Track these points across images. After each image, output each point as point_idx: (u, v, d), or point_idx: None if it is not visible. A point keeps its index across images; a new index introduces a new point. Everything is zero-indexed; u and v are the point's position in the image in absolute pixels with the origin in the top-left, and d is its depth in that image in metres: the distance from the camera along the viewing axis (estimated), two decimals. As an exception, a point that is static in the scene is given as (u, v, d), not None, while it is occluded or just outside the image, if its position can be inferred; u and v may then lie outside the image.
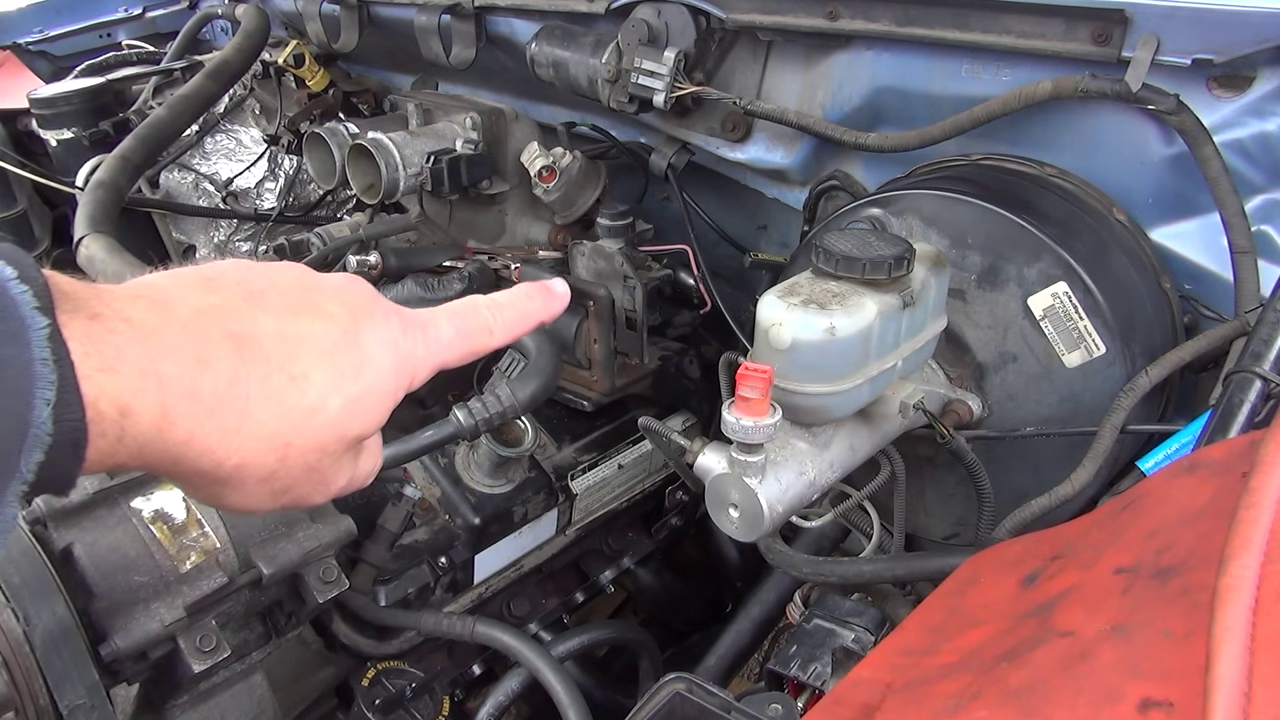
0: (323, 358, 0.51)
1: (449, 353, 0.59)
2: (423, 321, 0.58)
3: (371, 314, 0.55)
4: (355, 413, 0.53)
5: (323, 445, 0.52)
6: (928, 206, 1.10)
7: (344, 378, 0.52)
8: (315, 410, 0.51)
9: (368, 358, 0.53)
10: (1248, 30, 0.94)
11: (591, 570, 1.59)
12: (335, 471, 0.55)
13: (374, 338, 0.54)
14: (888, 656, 0.66)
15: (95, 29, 2.59)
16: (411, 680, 1.27)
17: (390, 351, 0.55)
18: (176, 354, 0.46)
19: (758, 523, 0.89)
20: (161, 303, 0.47)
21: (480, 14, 1.68)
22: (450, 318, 0.59)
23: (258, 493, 0.51)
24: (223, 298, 0.49)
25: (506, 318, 0.62)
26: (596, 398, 1.47)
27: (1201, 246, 1.09)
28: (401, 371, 0.55)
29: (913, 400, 1.01)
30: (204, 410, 0.47)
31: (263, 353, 0.49)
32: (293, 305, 0.52)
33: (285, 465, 0.51)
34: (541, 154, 1.49)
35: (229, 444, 0.48)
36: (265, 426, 0.49)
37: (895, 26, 1.18)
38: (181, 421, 0.46)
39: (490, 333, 0.61)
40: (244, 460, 0.49)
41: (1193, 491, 0.63)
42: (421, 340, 0.57)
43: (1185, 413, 1.11)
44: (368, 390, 0.53)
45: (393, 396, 0.55)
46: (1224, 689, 0.41)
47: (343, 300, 0.54)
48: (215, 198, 2.14)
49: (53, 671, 0.88)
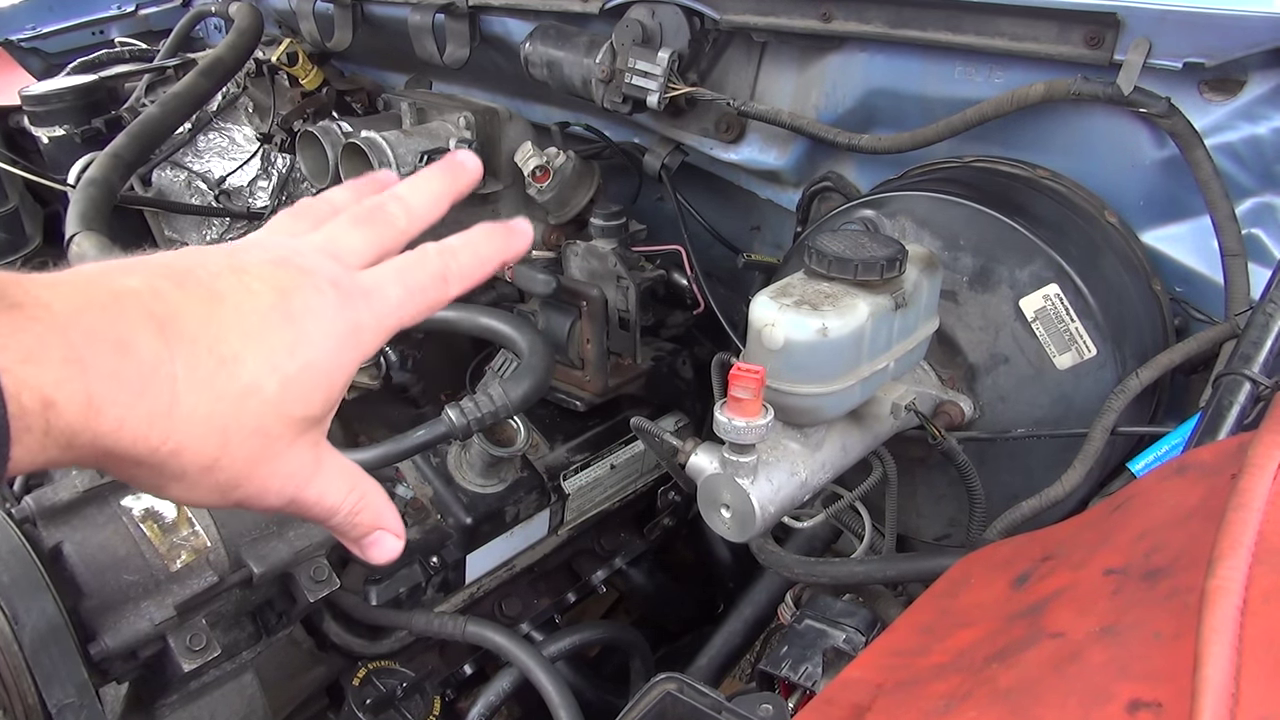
0: (252, 337, 0.48)
1: (401, 312, 0.55)
2: (364, 287, 0.54)
3: (301, 287, 0.51)
4: (297, 392, 0.50)
5: (264, 429, 0.49)
6: (920, 208, 1.10)
7: (277, 356, 0.49)
8: (250, 391, 0.48)
9: (302, 334, 0.50)
10: (1239, 34, 0.94)
11: (583, 570, 1.59)
12: (286, 464, 0.51)
13: (307, 312, 0.51)
14: (878, 657, 0.66)
15: (88, 26, 2.58)
16: (402, 680, 1.27)
17: (327, 325, 0.51)
18: (97, 338, 0.43)
19: (749, 523, 0.89)
20: (81, 287, 0.45)
21: (474, 13, 1.68)
22: (397, 275, 0.55)
23: (204, 484, 0.49)
24: (142, 280, 0.47)
25: (463, 262, 0.58)
26: (589, 398, 1.47)
27: (1192, 249, 1.09)
28: (346, 345, 0.52)
29: (904, 401, 1.01)
30: (131, 394, 0.44)
31: (187, 334, 0.46)
32: (218, 286, 0.49)
33: (227, 453, 0.48)
34: (535, 154, 1.48)
35: (161, 428, 0.45)
36: (198, 410, 0.46)
37: (889, 28, 1.19)
38: (108, 408, 0.43)
39: (445, 280, 0.57)
40: (180, 445, 0.46)
41: (1182, 493, 0.63)
42: (366, 306, 0.53)
43: (1175, 415, 1.11)
44: (307, 367, 0.50)
45: (341, 372, 0.52)
46: (1211, 690, 0.41)
47: (270, 277, 0.51)
48: (208, 196, 2.13)
49: (41, 670, 0.87)
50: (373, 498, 0.57)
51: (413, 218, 0.60)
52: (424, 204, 0.60)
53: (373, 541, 0.58)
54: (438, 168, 0.63)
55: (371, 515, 0.57)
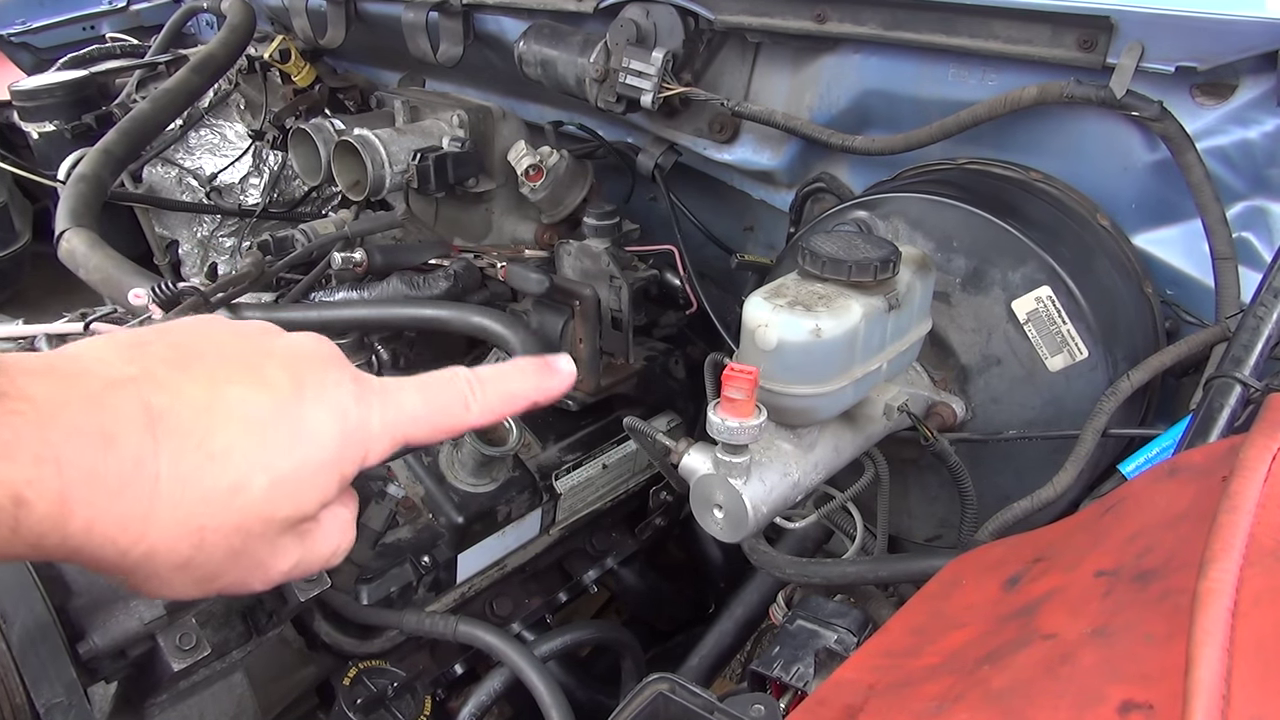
0: (251, 430, 0.46)
1: (414, 428, 0.52)
2: (385, 388, 0.52)
3: (321, 380, 0.49)
4: (286, 492, 0.47)
5: (245, 528, 0.47)
6: (914, 209, 1.10)
7: (272, 452, 0.46)
8: (236, 490, 0.46)
9: (306, 429, 0.48)
10: (1231, 38, 0.94)
11: (575, 570, 1.59)
12: (271, 556, 0.49)
13: (318, 406, 0.48)
14: (870, 658, 0.66)
15: (79, 21, 2.57)
16: (393, 680, 1.26)
17: (336, 421, 0.49)
18: (79, 434, 0.41)
19: (742, 523, 0.90)
20: (72, 376, 0.43)
21: (468, 11, 1.67)
22: (420, 388, 0.53)
23: (178, 581, 0.46)
24: (144, 366, 0.45)
25: (488, 395, 0.55)
26: (582, 397, 1.47)
27: (1183, 252, 1.10)
28: (349, 444, 0.50)
29: (897, 402, 1.02)
30: (107, 494, 0.42)
31: (180, 427, 0.44)
32: (229, 370, 0.47)
33: (203, 552, 0.46)
34: (528, 153, 1.48)
35: (133, 531, 0.43)
36: (177, 510, 0.44)
37: (883, 30, 1.19)
38: (80, 509, 0.42)
39: (467, 408, 0.54)
40: (152, 547, 0.44)
41: (1173, 495, 0.63)
42: (379, 409, 0.51)
43: (1166, 417, 1.11)
44: (301, 465, 0.48)
45: (335, 472, 0.50)
46: (1203, 692, 0.41)
47: (289, 364, 0.49)
48: (199, 193, 2.13)
49: (29, 669, 0.87)
50: None
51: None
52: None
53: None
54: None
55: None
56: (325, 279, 1.44)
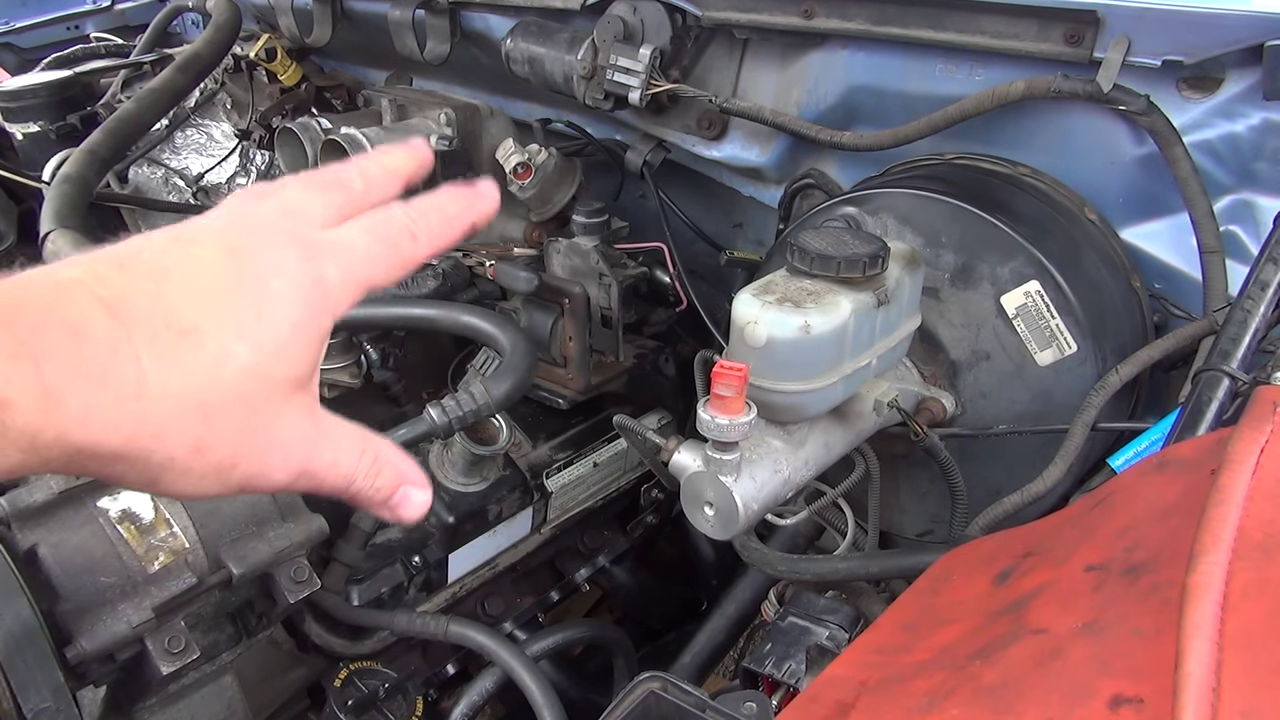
0: (211, 306, 0.45)
1: (371, 267, 0.51)
2: (328, 240, 0.50)
3: (257, 245, 0.48)
4: (272, 354, 0.46)
5: (247, 397, 0.45)
6: (902, 205, 1.10)
7: (242, 321, 0.45)
8: (221, 361, 0.44)
9: (266, 294, 0.46)
10: (1217, 32, 0.95)
11: (567, 569, 1.59)
12: (283, 433, 0.47)
13: (267, 271, 0.47)
14: (862, 654, 0.66)
15: (63, 21, 2.55)
16: (384, 680, 1.26)
17: (292, 281, 0.47)
18: (47, 328, 0.40)
19: (733, 520, 0.89)
20: (20, 283, 0.42)
21: (454, 9, 1.67)
22: (364, 229, 0.52)
23: (196, 469, 0.45)
24: (84, 269, 0.44)
25: (431, 221, 0.54)
26: (572, 395, 1.46)
27: (1171, 246, 1.10)
28: (314, 297, 0.48)
29: (887, 398, 1.02)
30: (92, 382, 0.41)
31: (140, 313, 0.43)
32: (163, 262, 0.46)
33: (211, 427, 0.44)
34: (517, 151, 1.48)
35: (133, 411, 0.42)
36: (168, 386, 0.43)
37: (870, 25, 1.19)
38: (70, 399, 0.40)
39: (414, 238, 0.53)
40: (159, 428, 0.43)
41: (1162, 489, 0.63)
42: (330, 257, 0.49)
43: (1155, 410, 1.12)
44: (275, 326, 0.46)
45: (314, 327, 0.48)
46: (1193, 685, 0.42)
47: (219, 239, 0.48)
48: (186, 193, 2.11)
49: (16, 674, 0.86)
50: (387, 453, 0.53)
51: (370, 183, 0.55)
52: (379, 174, 0.56)
53: (400, 500, 0.53)
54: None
55: (392, 473, 0.52)
56: (313, 279, 1.43)
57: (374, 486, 0.52)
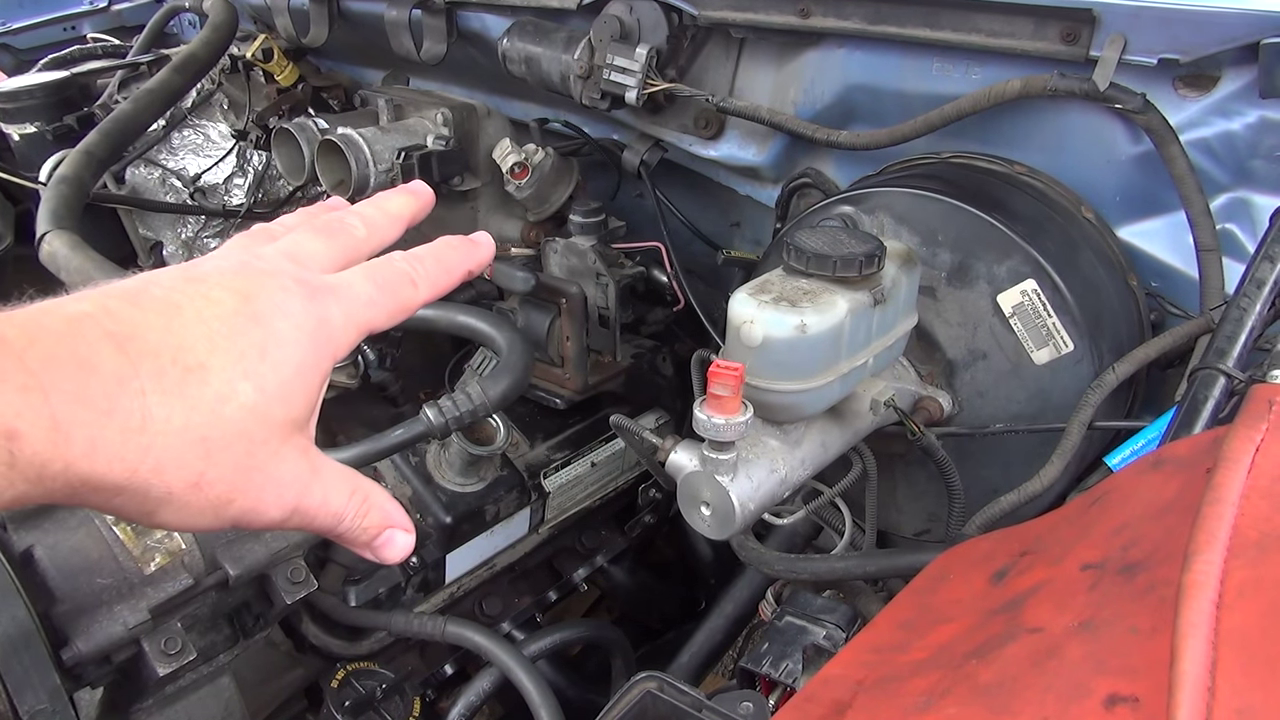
0: (218, 344, 0.46)
1: (372, 311, 0.53)
2: (331, 284, 0.52)
3: (265, 287, 0.49)
4: (274, 395, 0.48)
5: (247, 435, 0.47)
6: (899, 204, 1.10)
7: (247, 360, 0.47)
8: (224, 399, 0.46)
9: (271, 334, 0.48)
10: (1213, 30, 0.95)
11: (564, 569, 1.59)
12: (279, 472, 0.49)
13: (274, 312, 0.49)
14: (859, 653, 0.66)
15: (59, 21, 2.55)
16: (382, 681, 1.26)
17: (296, 323, 0.49)
18: (57, 361, 0.41)
19: (729, 520, 0.89)
20: (33, 315, 0.43)
21: (451, 9, 1.66)
22: (365, 273, 0.54)
23: (194, 504, 0.46)
24: (95, 303, 0.45)
25: (429, 268, 0.57)
26: (569, 395, 1.46)
27: (1168, 244, 1.10)
28: (318, 340, 0.50)
29: (884, 397, 1.02)
30: (99, 414, 0.42)
31: (149, 348, 0.44)
32: (174, 298, 0.47)
33: (212, 465, 0.46)
34: (514, 150, 1.48)
35: (136, 444, 0.43)
36: (172, 421, 0.44)
37: (866, 24, 1.19)
38: (77, 431, 0.41)
39: (414, 284, 0.56)
40: (160, 461, 0.44)
41: (1158, 487, 0.63)
42: (335, 302, 0.52)
43: (1151, 409, 1.12)
44: (279, 367, 0.48)
45: (317, 370, 0.50)
46: (1188, 683, 0.41)
47: (229, 281, 0.49)
48: (183, 193, 2.11)
49: (12, 676, 0.86)
50: (376, 497, 0.55)
51: (372, 229, 0.59)
52: (381, 219, 0.59)
53: (384, 542, 0.56)
54: (394, 190, 0.63)
55: (379, 515, 0.55)
56: (310, 279, 1.43)
57: (360, 527, 0.54)
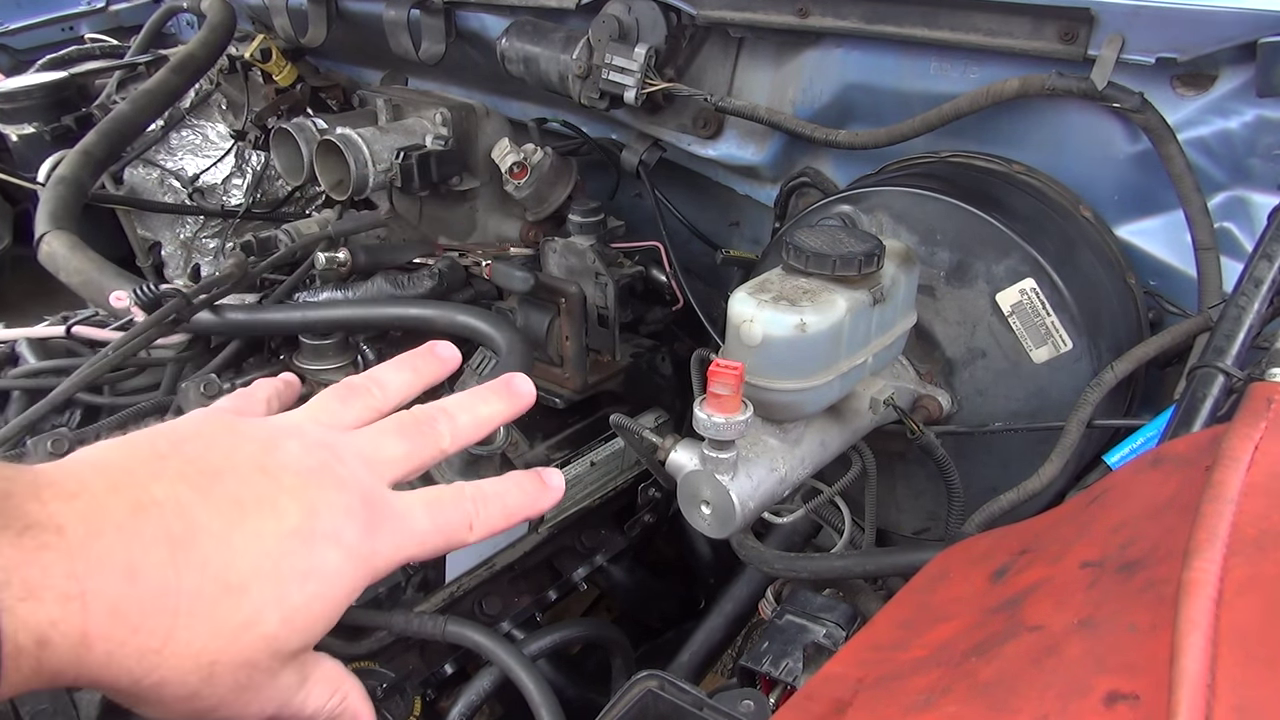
0: (265, 563, 0.47)
1: (422, 549, 0.55)
2: (397, 512, 0.53)
3: (331, 507, 0.50)
4: (295, 627, 0.49)
5: (253, 662, 0.48)
6: (897, 203, 1.10)
7: (286, 586, 0.48)
8: (249, 625, 0.47)
9: (318, 563, 0.49)
10: (1211, 29, 0.95)
11: (564, 568, 1.58)
12: (271, 690, 0.50)
13: (329, 542, 0.50)
14: (858, 652, 0.66)
15: (57, 22, 2.55)
16: (382, 681, 1.26)
17: (346, 554, 0.50)
18: (106, 567, 0.42)
19: (729, 519, 0.89)
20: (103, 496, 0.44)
21: (450, 9, 1.66)
22: (430, 510, 0.55)
23: (180, 710, 0.47)
24: (168, 490, 0.46)
25: (491, 512, 0.58)
26: (568, 395, 1.46)
27: (1166, 243, 1.10)
28: (359, 573, 0.51)
29: (883, 396, 1.02)
30: (128, 629, 0.43)
31: (200, 558, 0.45)
32: (244, 496, 0.48)
33: (210, 684, 0.47)
34: (512, 150, 1.48)
35: (147, 663, 0.44)
36: (191, 645, 0.45)
37: (864, 24, 1.19)
38: (100, 644, 0.42)
39: (470, 529, 0.57)
40: (163, 679, 0.45)
41: (1157, 485, 0.63)
42: (390, 536, 0.52)
43: (1150, 407, 1.12)
44: (312, 599, 0.49)
45: (346, 600, 0.51)
46: (1188, 681, 0.42)
47: (301, 491, 0.50)
48: (181, 194, 2.11)
49: (13, 677, 0.86)
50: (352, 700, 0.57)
51: (456, 439, 0.59)
52: (469, 429, 0.60)
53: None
54: (494, 390, 0.62)
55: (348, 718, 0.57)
56: (309, 279, 1.43)
57: None
